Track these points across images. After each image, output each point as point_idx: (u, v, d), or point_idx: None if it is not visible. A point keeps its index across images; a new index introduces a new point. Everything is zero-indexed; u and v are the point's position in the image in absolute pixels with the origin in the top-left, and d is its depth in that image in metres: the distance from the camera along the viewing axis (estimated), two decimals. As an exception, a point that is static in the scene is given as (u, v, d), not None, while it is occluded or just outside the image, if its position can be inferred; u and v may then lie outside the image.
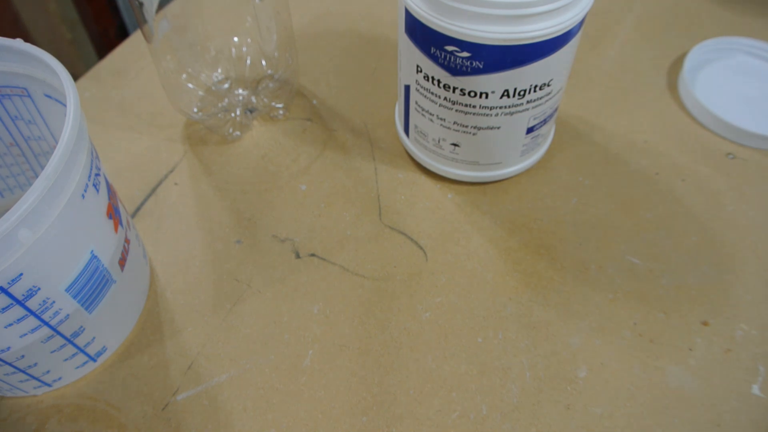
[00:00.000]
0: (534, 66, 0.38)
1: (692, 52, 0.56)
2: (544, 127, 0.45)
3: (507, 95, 0.40)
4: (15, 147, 0.43)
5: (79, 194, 0.32)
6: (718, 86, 0.55)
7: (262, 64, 0.54)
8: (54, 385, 0.38)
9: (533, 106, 0.41)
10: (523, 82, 0.39)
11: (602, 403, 0.37)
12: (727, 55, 0.58)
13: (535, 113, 0.42)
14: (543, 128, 0.45)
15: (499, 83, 0.39)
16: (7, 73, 0.38)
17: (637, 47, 0.60)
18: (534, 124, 0.43)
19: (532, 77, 0.39)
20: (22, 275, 0.30)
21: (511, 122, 0.42)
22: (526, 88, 0.39)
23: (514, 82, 0.39)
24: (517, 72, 0.38)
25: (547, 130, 0.46)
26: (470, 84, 0.39)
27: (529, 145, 0.45)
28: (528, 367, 0.38)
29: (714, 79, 0.56)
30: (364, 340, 0.40)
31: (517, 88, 0.39)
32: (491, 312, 0.41)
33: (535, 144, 0.46)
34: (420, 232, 0.46)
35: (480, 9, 0.35)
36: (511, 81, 0.39)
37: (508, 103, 0.40)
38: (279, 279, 0.43)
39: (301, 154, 0.51)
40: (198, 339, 0.40)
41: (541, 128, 0.45)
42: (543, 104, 0.42)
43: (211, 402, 0.37)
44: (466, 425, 0.36)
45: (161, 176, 0.50)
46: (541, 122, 0.44)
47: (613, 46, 0.60)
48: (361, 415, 0.37)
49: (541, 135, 0.46)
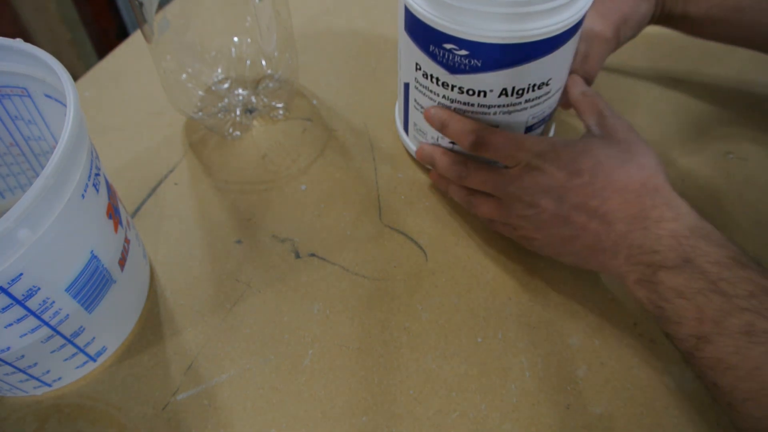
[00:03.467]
0: (532, 65, 0.38)
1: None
2: (544, 126, 0.45)
3: (505, 94, 0.39)
4: (15, 147, 0.43)
5: (79, 194, 0.32)
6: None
7: (262, 64, 0.54)
8: (54, 385, 0.38)
9: (532, 105, 0.41)
10: (522, 81, 0.39)
11: (602, 403, 0.37)
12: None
13: (534, 112, 0.42)
14: (542, 127, 0.45)
15: (497, 82, 0.39)
16: (7, 73, 0.38)
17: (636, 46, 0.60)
18: (533, 123, 0.43)
19: (530, 76, 0.39)
20: (22, 275, 0.30)
21: (509, 121, 0.42)
22: (525, 87, 0.39)
23: (513, 81, 0.39)
24: (516, 71, 0.38)
25: (547, 129, 0.46)
26: (468, 82, 0.39)
27: None
28: (528, 367, 0.38)
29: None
30: (364, 340, 0.40)
31: (515, 87, 0.39)
32: (491, 312, 0.41)
33: None
34: (420, 232, 0.46)
35: (479, 7, 0.35)
36: (510, 80, 0.39)
37: (507, 102, 0.40)
38: (279, 279, 0.43)
39: (301, 154, 0.51)
40: (198, 339, 0.40)
41: (540, 127, 0.44)
42: (542, 103, 0.42)
43: (211, 402, 0.37)
44: (466, 425, 0.36)
45: (161, 176, 0.50)
46: (540, 121, 0.44)
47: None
48: (361, 415, 0.37)
49: (540, 134, 0.45)
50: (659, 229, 0.34)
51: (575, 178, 0.37)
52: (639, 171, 0.37)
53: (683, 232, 0.34)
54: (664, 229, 0.34)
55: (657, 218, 0.35)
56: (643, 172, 0.37)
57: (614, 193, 0.36)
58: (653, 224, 0.34)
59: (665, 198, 0.35)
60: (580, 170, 0.37)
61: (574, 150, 0.38)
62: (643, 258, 0.34)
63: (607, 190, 0.36)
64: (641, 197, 0.36)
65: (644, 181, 0.36)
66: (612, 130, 0.40)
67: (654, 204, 0.35)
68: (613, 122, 0.40)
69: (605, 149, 0.38)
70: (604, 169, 0.37)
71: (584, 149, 0.38)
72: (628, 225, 0.35)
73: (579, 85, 0.44)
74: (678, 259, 0.33)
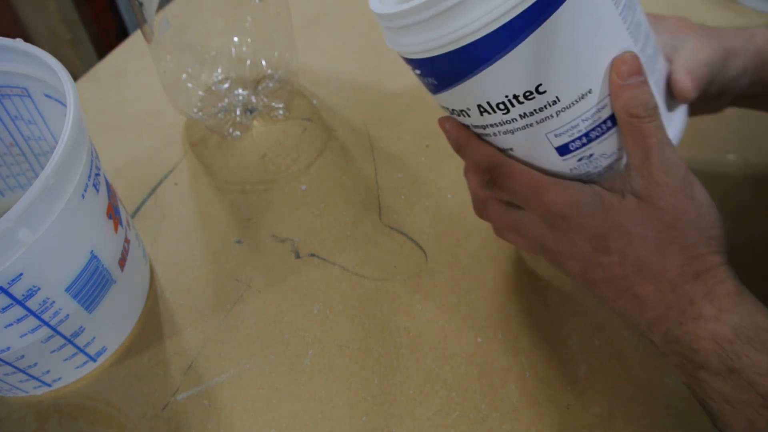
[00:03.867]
0: (484, 75, 0.30)
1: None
2: (597, 144, 0.32)
3: (485, 111, 0.32)
4: (15, 147, 0.43)
5: (79, 194, 0.32)
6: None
7: (262, 64, 0.54)
8: (54, 385, 0.38)
9: (539, 121, 0.31)
10: (488, 95, 0.31)
11: (602, 403, 0.37)
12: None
13: (553, 130, 0.31)
14: (604, 146, 0.32)
15: (466, 99, 0.32)
16: (7, 73, 0.38)
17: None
18: (567, 141, 0.32)
19: (494, 88, 0.30)
20: (22, 275, 0.30)
21: (523, 144, 0.33)
22: (501, 100, 0.31)
23: (478, 96, 0.31)
24: (471, 83, 0.30)
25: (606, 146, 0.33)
26: (446, 102, 0.34)
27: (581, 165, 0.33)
28: (528, 367, 0.38)
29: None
30: (364, 340, 0.40)
31: (489, 102, 0.31)
32: (491, 312, 0.41)
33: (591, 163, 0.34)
34: (420, 232, 0.46)
35: (396, 23, 0.30)
36: (473, 95, 0.31)
37: (497, 121, 0.32)
38: (279, 279, 0.43)
39: (301, 154, 0.51)
40: (198, 339, 0.40)
41: (589, 146, 0.32)
42: (553, 118, 0.31)
43: (211, 402, 0.37)
44: (466, 425, 0.36)
45: (161, 176, 0.50)
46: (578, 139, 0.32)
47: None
48: (361, 415, 0.37)
49: (609, 159, 0.33)
50: (698, 329, 0.30)
51: (602, 255, 0.32)
52: (680, 255, 0.31)
53: (726, 334, 0.29)
54: (703, 330, 0.29)
55: (695, 315, 0.30)
56: (685, 254, 0.31)
57: (646, 280, 0.31)
58: (690, 321, 0.30)
59: (707, 287, 0.30)
60: (608, 248, 0.32)
61: (604, 222, 0.31)
62: (682, 351, 0.30)
63: (639, 275, 0.31)
64: (678, 287, 0.30)
65: (683, 267, 0.30)
66: (657, 188, 0.31)
67: (692, 297, 0.30)
68: (662, 172, 0.31)
69: (641, 227, 0.31)
70: (636, 253, 0.31)
71: (615, 224, 0.31)
72: (662, 314, 0.31)
73: (631, 77, 0.30)
74: (721, 365, 0.29)
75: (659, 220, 0.31)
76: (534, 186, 0.33)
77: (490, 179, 0.34)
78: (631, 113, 0.31)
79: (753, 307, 0.29)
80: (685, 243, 0.31)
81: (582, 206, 0.32)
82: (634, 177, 0.31)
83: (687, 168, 0.32)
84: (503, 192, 0.34)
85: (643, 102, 0.31)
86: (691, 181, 0.32)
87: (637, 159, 0.31)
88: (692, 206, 0.31)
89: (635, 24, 0.32)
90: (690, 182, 0.31)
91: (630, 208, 0.31)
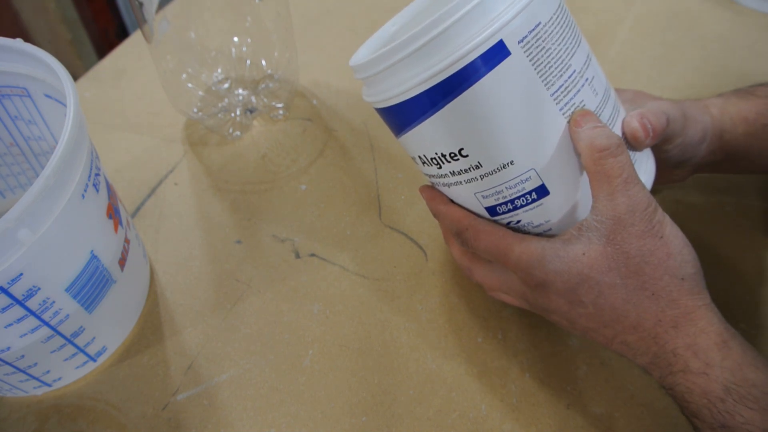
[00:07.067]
0: (419, 130, 0.32)
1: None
2: (523, 213, 0.33)
3: (424, 162, 0.34)
4: (15, 147, 0.43)
5: (79, 194, 0.32)
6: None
7: (262, 64, 0.54)
8: (54, 385, 0.38)
9: (467, 180, 0.32)
10: (425, 149, 0.33)
11: (602, 403, 0.37)
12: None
13: (481, 190, 0.33)
14: (521, 213, 0.33)
15: (410, 148, 0.34)
16: (7, 73, 0.38)
17: (635, 46, 0.60)
18: (494, 204, 0.33)
19: (428, 143, 0.32)
20: (22, 275, 0.30)
21: (460, 197, 0.35)
22: (434, 156, 0.33)
23: (419, 148, 0.33)
24: (410, 136, 0.33)
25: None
26: (403, 147, 0.35)
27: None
28: (528, 367, 0.38)
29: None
30: (364, 340, 0.40)
31: (426, 156, 0.33)
32: (491, 312, 0.41)
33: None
34: (420, 232, 0.46)
35: (355, 74, 0.33)
36: (414, 146, 0.33)
37: (434, 173, 0.34)
38: (279, 279, 0.43)
39: (301, 154, 0.51)
40: (198, 339, 0.40)
41: (515, 213, 0.33)
42: (479, 181, 0.32)
43: (211, 402, 0.37)
44: (466, 425, 0.36)
45: (161, 176, 0.50)
46: (505, 203, 0.33)
47: (613, 46, 0.60)
48: (361, 415, 0.37)
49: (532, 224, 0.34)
50: (687, 382, 0.29)
51: (578, 307, 0.31)
52: (651, 302, 0.30)
53: (717, 392, 0.28)
54: (693, 384, 0.29)
55: (682, 368, 0.29)
56: (657, 303, 0.30)
57: (626, 329, 0.30)
58: (679, 373, 0.29)
59: (689, 337, 0.29)
60: (581, 301, 0.31)
61: (571, 276, 0.31)
62: (676, 398, 0.30)
63: (619, 324, 0.30)
64: (658, 338, 0.30)
65: (659, 315, 0.30)
66: (622, 231, 0.30)
67: (675, 349, 0.29)
68: (628, 214, 0.30)
69: (607, 275, 0.30)
70: (609, 303, 0.30)
71: (582, 276, 0.30)
72: (652, 361, 0.30)
73: (589, 122, 0.30)
74: (714, 421, 0.28)
75: (625, 266, 0.30)
76: (499, 245, 0.33)
77: (462, 242, 0.35)
78: (594, 146, 0.30)
79: (742, 359, 0.28)
80: (654, 289, 0.30)
81: (546, 263, 0.31)
82: (601, 220, 0.30)
83: (656, 206, 0.31)
84: (478, 252, 0.35)
85: (606, 134, 0.30)
86: (660, 220, 0.30)
87: (603, 201, 0.30)
88: (660, 246, 0.30)
89: (581, 97, 0.31)
90: (659, 221, 0.30)
91: (594, 257, 0.30)
